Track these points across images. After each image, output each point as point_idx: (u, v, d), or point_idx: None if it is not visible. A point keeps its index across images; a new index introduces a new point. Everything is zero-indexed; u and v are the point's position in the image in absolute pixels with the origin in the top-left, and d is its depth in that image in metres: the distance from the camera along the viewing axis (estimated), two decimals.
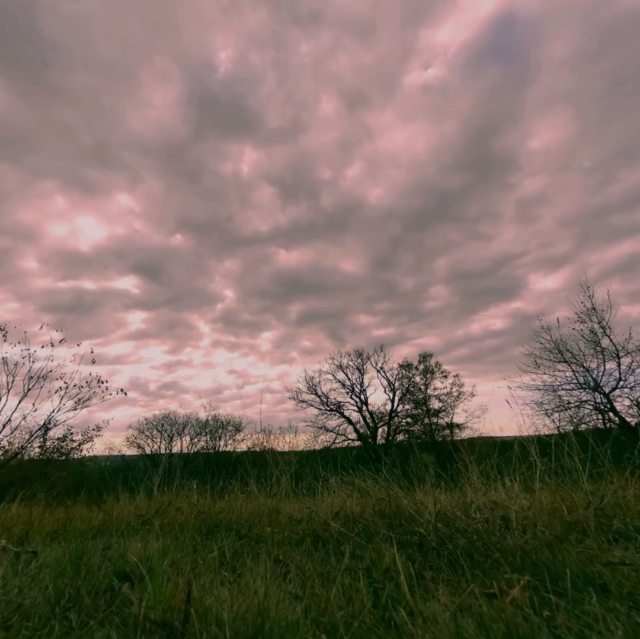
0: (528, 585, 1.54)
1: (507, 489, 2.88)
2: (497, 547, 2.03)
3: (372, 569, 2.00)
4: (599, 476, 2.82)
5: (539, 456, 3.00)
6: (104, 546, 2.60)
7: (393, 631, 1.41)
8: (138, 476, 4.95)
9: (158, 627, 1.48)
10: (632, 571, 1.57)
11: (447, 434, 25.08)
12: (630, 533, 2.07)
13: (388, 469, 3.49)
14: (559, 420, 13.67)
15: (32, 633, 1.53)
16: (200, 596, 1.70)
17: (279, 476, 4.39)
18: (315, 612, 1.58)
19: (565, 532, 2.13)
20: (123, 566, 2.18)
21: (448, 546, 2.15)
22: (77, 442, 14.30)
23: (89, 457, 16.18)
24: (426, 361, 26.88)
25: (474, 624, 1.33)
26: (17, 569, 2.16)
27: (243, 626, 1.44)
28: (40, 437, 12.87)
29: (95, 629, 1.54)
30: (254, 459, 6.45)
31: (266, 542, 2.72)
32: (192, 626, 1.46)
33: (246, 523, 3.32)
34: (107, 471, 13.98)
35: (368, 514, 2.99)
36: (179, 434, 27.88)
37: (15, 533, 3.37)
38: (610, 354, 13.62)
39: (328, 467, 4.47)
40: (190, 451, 27.39)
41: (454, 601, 1.53)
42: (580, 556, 1.78)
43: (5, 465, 12.26)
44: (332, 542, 2.56)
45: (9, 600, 1.74)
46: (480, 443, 5.50)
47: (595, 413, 13.60)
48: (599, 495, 2.52)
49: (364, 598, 1.67)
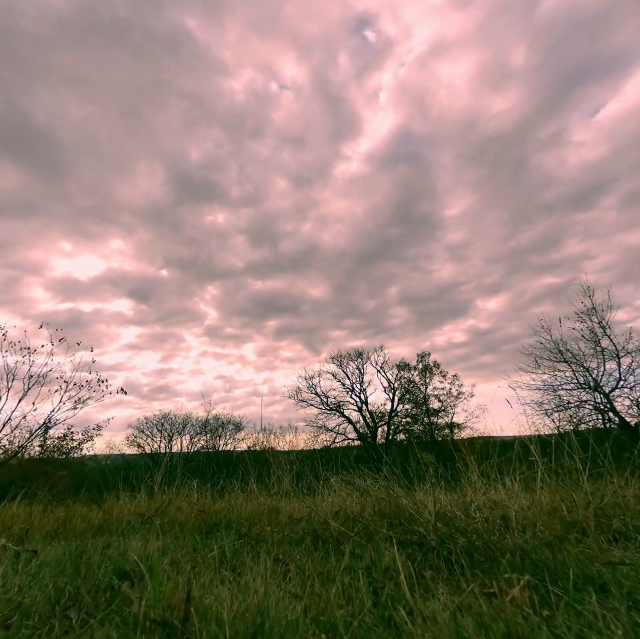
0: (528, 585, 1.54)
1: (507, 489, 2.88)
2: (496, 546, 2.03)
3: (372, 569, 2.00)
4: (599, 476, 2.82)
5: (539, 456, 2.99)
6: (104, 545, 2.60)
7: (393, 630, 1.41)
8: (139, 475, 4.95)
9: (158, 626, 1.48)
10: (632, 570, 1.57)
11: (447, 433, 25.09)
12: (630, 532, 2.07)
13: (388, 468, 3.49)
14: (559, 420, 13.69)
15: (32, 631, 1.53)
16: (200, 595, 1.70)
17: (280, 475, 4.39)
18: (315, 611, 1.58)
19: (565, 532, 2.13)
20: (123, 564, 2.18)
21: (448, 546, 2.15)
22: (77, 441, 14.33)
23: (89, 456, 16.19)
24: (424, 361, 26.90)
25: (474, 624, 1.33)
26: (17, 568, 2.16)
27: (243, 625, 1.45)
28: (40, 436, 12.89)
29: (95, 628, 1.54)
30: (255, 458, 6.45)
31: (266, 541, 2.72)
32: (192, 625, 1.47)
33: (246, 522, 3.32)
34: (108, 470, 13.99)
35: (368, 513, 2.99)
36: (178, 434, 27.91)
37: (15, 531, 3.37)
38: (610, 354, 13.63)
39: (328, 467, 4.47)
40: (190, 450, 27.42)
41: (454, 601, 1.53)
42: (580, 555, 1.78)
43: (6, 464, 12.27)
44: (332, 541, 2.56)
45: (9, 599, 1.75)
46: (480, 443, 5.50)
47: (595, 413, 13.61)
48: (599, 495, 2.52)
49: (363, 597, 1.67)
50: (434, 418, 25.64)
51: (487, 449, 3.53)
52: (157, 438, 27.69)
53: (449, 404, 25.66)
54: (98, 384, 12.26)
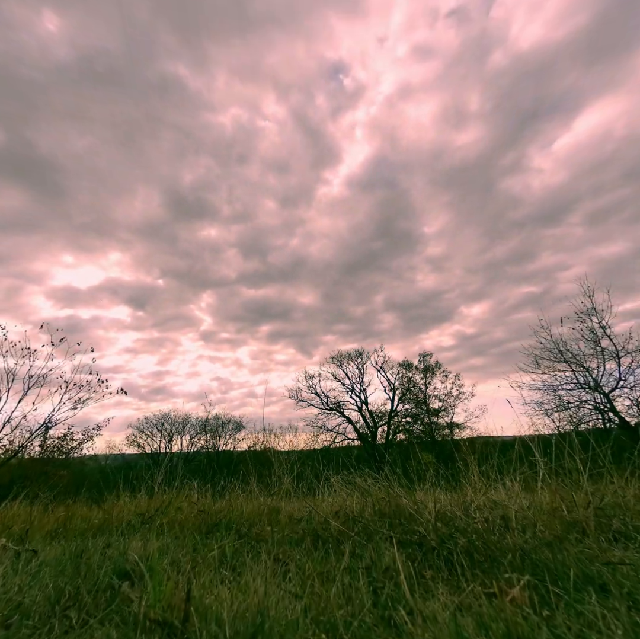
0: (528, 585, 1.54)
1: (507, 489, 2.88)
2: (496, 546, 2.03)
3: (372, 569, 2.00)
4: (599, 476, 2.82)
5: (541, 456, 2.99)
6: (104, 544, 2.60)
7: (393, 630, 1.41)
8: (139, 475, 4.95)
9: (158, 626, 1.48)
10: (632, 570, 1.57)
11: (447, 433, 25.09)
12: (630, 532, 2.07)
13: (388, 468, 3.49)
14: (559, 420, 13.68)
15: (32, 631, 1.53)
16: (200, 595, 1.70)
17: (280, 475, 4.39)
18: (315, 611, 1.58)
19: (565, 532, 2.13)
20: (123, 564, 2.18)
21: (448, 546, 2.15)
22: (77, 441, 14.32)
23: (89, 456, 16.19)
24: (426, 361, 26.90)
25: (474, 624, 1.33)
26: (17, 568, 2.16)
27: (243, 625, 1.45)
28: (40, 436, 12.88)
29: (95, 627, 1.54)
30: (255, 458, 6.45)
31: (266, 541, 2.72)
32: (192, 625, 1.47)
33: (246, 522, 3.32)
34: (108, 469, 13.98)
35: (368, 513, 2.99)
36: (178, 433, 27.92)
37: (15, 531, 3.37)
38: (610, 354, 13.61)
39: (328, 467, 4.47)
40: (190, 450, 27.43)
41: (454, 601, 1.53)
42: (580, 555, 1.78)
43: (6, 464, 12.27)
44: (332, 541, 2.56)
45: (9, 598, 1.75)
46: (480, 443, 5.49)
47: (595, 413, 13.60)
48: (599, 495, 2.52)
49: (363, 597, 1.67)
50: (434, 418, 25.65)
51: (487, 449, 3.53)
52: (157, 438, 27.72)
53: (449, 404, 25.68)
54: (98, 384, 12.25)
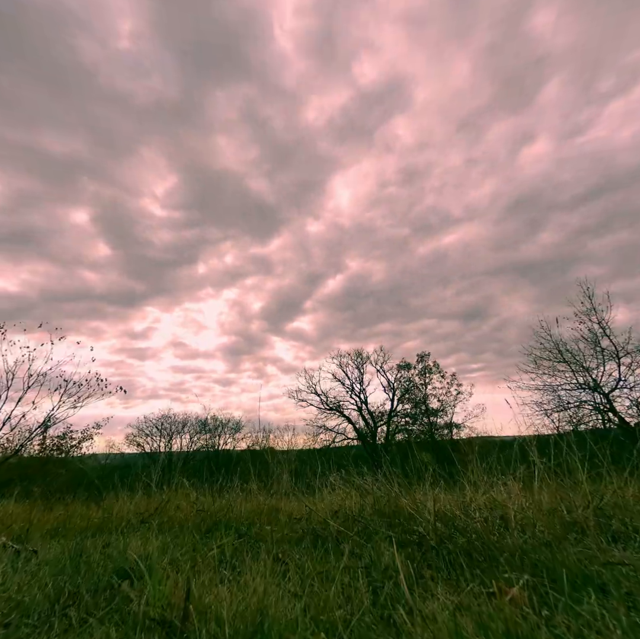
0: (527, 584, 1.54)
1: (507, 489, 2.88)
2: (496, 546, 2.03)
3: (371, 568, 2.01)
4: (599, 476, 2.82)
5: (542, 456, 2.99)
6: (104, 543, 2.60)
7: (392, 629, 1.41)
8: (138, 474, 4.95)
9: (157, 624, 1.48)
10: (631, 570, 1.57)
11: (446, 433, 25.09)
12: (629, 532, 2.07)
13: (387, 468, 3.50)
14: (559, 420, 13.69)
15: (32, 630, 1.53)
16: (200, 594, 1.70)
17: (280, 474, 4.39)
18: (315, 610, 1.58)
19: (565, 532, 2.13)
20: (123, 563, 2.18)
21: (447, 545, 2.15)
22: (76, 440, 14.32)
23: (88, 455, 16.18)
24: (424, 361, 26.91)
25: (473, 623, 1.34)
26: (16, 567, 2.16)
27: (242, 624, 1.45)
28: (40, 435, 12.88)
29: (94, 626, 1.54)
30: (254, 457, 6.45)
31: (265, 540, 2.72)
32: (191, 624, 1.47)
33: (246, 521, 3.32)
34: (108, 469, 13.98)
35: (367, 513, 2.99)
36: (178, 433, 27.89)
37: (15, 530, 3.37)
38: (610, 355, 13.61)
39: (328, 466, 4.47)
40: (190, 449, 27.41)
41: (453, 600, 1.53)
42: (579, 555, 1.78)
43: (5, 463, 12.27)
44: (331, 541, 2.57)
45: (9, 597, 1.75)
46: (479, 443, 5.50)
47: (595, 413, 13.60)
48: (598, 495, 2.52)
49: (363, 597, 1.67)
50: (433, 418, 25.65)
51: (486, 449, 3.53)
52: (157, 437, 27.69)
53: (448, 404, 25.69)
54: (97, 383, 12.25)
